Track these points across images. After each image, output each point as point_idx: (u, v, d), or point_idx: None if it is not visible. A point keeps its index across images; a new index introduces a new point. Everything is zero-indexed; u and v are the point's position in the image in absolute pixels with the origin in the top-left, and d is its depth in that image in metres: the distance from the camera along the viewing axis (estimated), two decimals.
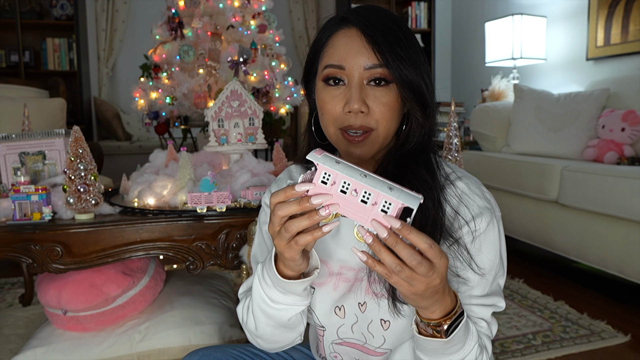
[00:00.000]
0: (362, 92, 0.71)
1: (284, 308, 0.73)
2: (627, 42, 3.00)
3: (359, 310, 0.77)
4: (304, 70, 0.82)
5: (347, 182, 0.55)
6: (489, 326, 0.75)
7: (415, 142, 0.74)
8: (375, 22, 0.72)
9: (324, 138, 0.81)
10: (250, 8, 2.25)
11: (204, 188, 1.27)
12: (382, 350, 0.79)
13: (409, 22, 4.71)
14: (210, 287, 1.71)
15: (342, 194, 0.56)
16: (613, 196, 1.98)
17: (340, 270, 0.78)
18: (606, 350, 1.69)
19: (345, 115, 0.72)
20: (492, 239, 0.74)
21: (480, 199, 0.75)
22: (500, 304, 0.76)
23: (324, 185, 0.56)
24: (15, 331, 1.81)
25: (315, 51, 0.78)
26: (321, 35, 0.77)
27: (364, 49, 0.71)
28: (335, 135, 0.75)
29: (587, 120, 2.62)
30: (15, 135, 1.44)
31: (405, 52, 0.71)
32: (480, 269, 0.73)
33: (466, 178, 0.77)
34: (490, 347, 0.75)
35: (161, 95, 2.11)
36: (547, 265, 2.60)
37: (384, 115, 0.72)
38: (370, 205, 0.55)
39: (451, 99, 1.37)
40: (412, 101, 0.72)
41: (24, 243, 1.20)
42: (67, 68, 4.27)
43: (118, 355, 1.39)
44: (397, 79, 0.71)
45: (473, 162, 2.98)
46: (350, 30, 0.72)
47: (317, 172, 0.56)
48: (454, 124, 1.34)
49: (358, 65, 0.71)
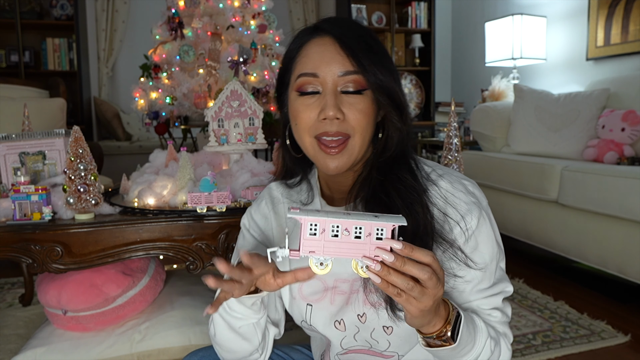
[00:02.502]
0: (337, 99, 0.71)
1: (239, 317, 0.75)
2: (627, 42, 3.00)
3: (359, 321, 0.77)
4: (276, 84, 0.81)
5: (336, 225, 0.55)
6: (502, 313, 0.76)
7: (394, 146, 0.75)
8: (348, 30, 0.72)
9: (298, 151, 0.80)
10: (250, 8, 2.25)
11: (204, 188, 1.27)
12: (390, 353, 0.79)
13: (409, 22, 4.71)
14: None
15: (334, 239, 0.56)
16: (613, 196, 1.98)
17: (335, 283, 0.78)
18: (606, 350, 1.69)
19: (320, 123, 0.71)
20: (485, 231, 0.74)
21: (465, 194, 0.74)
22: (507, 289, 0.77)
23: (314, 236, 0.56)
24: (15, 331, 1.81)
25: (287, 62, 0.77)
26: (293, 46, 0.76)
27: (339, 55, 0.71)
28: (311, 146, 0.74)
29: (587, 120, 2.62)
30: (15, 135, 1.44)
31: (379, 58, 0.71)
32: (478, 264, 0.73)
33: (447, 175, 0.76)
34: (509, 332, 0.76)
35: (161, 95, 2.11)
36: (547, 265, 2.60)
37: (359, 122, 0.71)
38: (365, 237, 0.56)
39: (451, 99, 1.37)
40: (388, 106, 0.73)
41: (24, 243, 1.20)
42: (67, 68, 4.27)
43: (118, 355, 1.39)
44: (372, 84, 0.71)
45: (473, 162, 2.98)
46: (324, 39, 0.72)
47: (304, 227, 0.56)
48: (454, 124, 1.34)
49: (332, 72, 0.71)
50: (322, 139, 0.72)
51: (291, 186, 0.85)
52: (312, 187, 0.83)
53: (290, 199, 0.85)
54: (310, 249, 0.56)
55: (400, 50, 4.80)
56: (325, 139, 0.72)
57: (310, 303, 0.80)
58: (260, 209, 0.87)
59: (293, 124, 0.76)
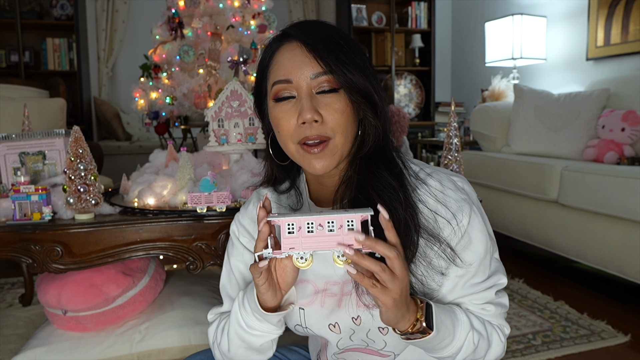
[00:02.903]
0: (312, 102, 0.71)
1: (258, 334, 0.76)
2: (627, 42, 3.00)
3: (354, 323, 0.77)
4: (254, 94, 0.82)
5: (310, 222, 0.61)
6: (496, 306, 0.77)
7: (371, 143, 0.75)
8: (314, 32, 0.73)
9: (282, 159, 0.82)
10: (250, 8, 2.25)
11: (204, 188, 1.27)
12: (386, 352, 0.80)
13: (409, 22, 4.71)
14: (210, 287, 1.71)
15: (310, 234, 0.62)
16: (613, 196, 1.98)
17: (326, 286, 0.78)
18: (606, 350, 1.69)
19: (300, 128, 0.72)
20: (478, 226, 0.75)
21: (454, 191, 0.75)
22: (501, 281, 0.78)
23: (292, 234, 0.62)
24: (15, 331, 1.81)
25: (261, 72, 0.78)
26: (264, 55, 0.78)
27: (307, 59, 0.72)
28: (296, 151, 0.75)
29: (587, 120, 2.62)
30: (15, 135, 1.44)
31: (348, 57, 0.72)
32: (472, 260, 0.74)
33: (435, 173, 0.77)
34: (505, 323, 0.79)
35: (161, 95, 2.11)
36: (547, 265, 2.60)
37: (338, 122, 0.72)
38: (337, 230, 0.61)
39: (451, 99, 1.37)
40: (361, 103, 0.73)
41: (24, 243, 1.20)
42: (67, 68, 4.27)
43: (118, 355, 1.39)
44: (343, 83, 0.71)
45: (473, 162, 2.98)
46: (292, 44, 0.73)
47: (282, 227, 0.62)
48: (454, 124, 1.34)
49: (304, 76, 0.72)
50: (305, 144, 0.73)
51: (279, 192, 0.86)
52: (301, 193, 0.84)
53: (280, 203, 0.85)
54: (290, 246, 0.62)
55: (400, 50, 4.80)
56: (308, 143, 0.73)
57: (302, 307, 0.80)
58: (248, 213, 0.87)
59: (276, 132, 0.77)
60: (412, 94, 4.84)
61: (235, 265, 0.85)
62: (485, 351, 0.75)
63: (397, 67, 4.70)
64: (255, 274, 0.67)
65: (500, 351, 0.77)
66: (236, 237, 0.87)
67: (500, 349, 0.77)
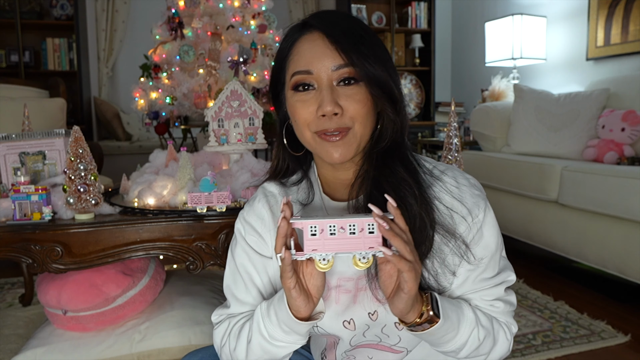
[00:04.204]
0: (333, 94, 0.71)
1: (282, 346, 0.74)
2: (627, 42, 3.00)
3: (370, 319, 0.77)
4: (270, 83, 0.81)
5: (332, 225, 0.62)
6: (505, 303, 0.78)
7: (388, 138, 0.75)
8: (336, 23, 0.72)
9: (296, 149, 0.81)
10: (250, 8, 2.25)
11: (204, 188, 1.27)
12: (399, 348, 0.79)
13: (409, 22, 4.71)
14: (210, 287, 1.71)
15: (332, 237, 0.63)
16: (613, 196, 1.98)
17: (339, 282, 0.77)
18: (606, 350, 1.69)
19: (319, 120, 0.72)
20: (491, 222, 0.76)
21: (469, 188, 0.76)
22: (510, 278, 0.79)
23: (314, 237, 0.63)
24: (15, 331, 1.81)
25: (280, 61, 0.77)
26: (284, 44, 0.77)
27: (328, 50, 0.71)
28: (312, 139, 0.74)
29: (587, 120, 2.62)
30: (15, 135, 1.44)
31: (369, 50, 0.71)
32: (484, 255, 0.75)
33: (449, 170, 0.77)
34: (512, 321, 0.79)
35: (161, 95, 2.11)
36: (547, 265, 2.60)
37: (358, 112, 0.71)
38: (358, 233, 0.62)
39: (451, 99, 1.37)
40: (381, 97, 0.73)
41: (24, 243, 1.20)
42: (67, 68, 4.27)
43: (118, 355, 1.38)
44: (363, 76, 0.71)
45: (473, 162, 2.98)
46: (313, 35, 0.73)
47: (305, 230, 0.62)
48: (454, 124, 1.34)
49: (325, 67, 0.71)
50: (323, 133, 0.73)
51: (287, 185, 0.85)
52: (312, 184, 0.83)
53: (287, 195, 0.83)
54: (312, 247, 0.62)
55: (400, 50, 4.80)
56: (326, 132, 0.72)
57: None
58: (254, 209, 0.83)
59: (293, 121, 0.77)
60: (412, 94, 4.84)
61: (242, 265, 0.82)
62: (490, 348, 0.76)
63: (397, 67, 4.70)
64: (286, 274, 0.65)
65: (505, 349, 0.78)
66: (242, 236, 0.83)
67: (506, 347, 0.78)
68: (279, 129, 0.83)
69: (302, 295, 0.67)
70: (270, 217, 0.82)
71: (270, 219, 0.82)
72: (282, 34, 0.78)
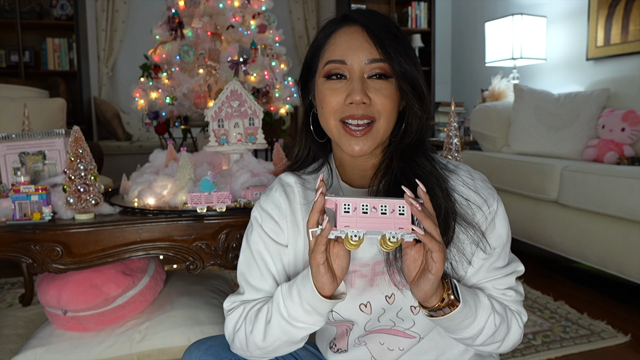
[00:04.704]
0: (363, 85, 0.74)
1: (302, 327, 0.75)
2: (627, 42, 3.00)
3: (387, 302, 0.79)
4: (302, 70, 0.84)
5: (365, 204, 0.65)
6: (516, 292, 0.82)
7: (414, 134, 0.79)
8: (375, 20, 0.76)
9: (320, 136, 0.85)
10: (250, 8, 2.25)
11: (204, 188, 1.27)
12: (412, 332, 0.81)
13: (409, 22, 4.71)
14: (210, 287, 1.71)
15: (365, 215, 0.65)
16: (613, 196, 1.98)
17: (355, 267, 0.80)
18: (606, 350, 1.69)
19: (346, 107, 0.75)
20: (502, 213, 0.81)
21: (482, 181, 0.81)
22: (519, 268, 0.83)
23: (347, 214, 0.65)
24: (15, 331, 1.81)
25: (315, 50, 0.81)
26: (321, 34, 0.80)
27: (366, 43, 0.75)
28: (336, 128, 0.77)
29: (587, 120, 2.62)
30: (15, 135, 1.44)
31: (403, 48, 0.76)
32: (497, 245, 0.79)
33: (462, 166, 0.83)
34: (523, 310, 0.83)
35: (161, 95, 2.11)
36: (547, 265, 2.60)
37: (385, 106, 0.75)
38: (389, 214, 0.65)
39: (451, 99, 1.37)
40: (410, 94, 0.76)
41: (24, 243, 1.20)
42: (67, 68, 4.27)
43: (118, 355, 1.39)
44: (397, 72, 0.75)
45: (473, 162, 2.98)
46: (352, 28, 0.76)
47: (339, 206, 0.65)
48: (454, 124, 1.34)
49: (359, 59, 0.75)
50: (347, 123, 0.76)
51: (304, 175, 0.87)
52: (331, 171, 0.86)
53: (304, 186, 0.85)
54: (345, 224, 0.64)
55: None
56: (351, 122, 0.75)
57: None
58: (271, 198, 0.86)
59: (319, 108, 0.80)
60: None
61: (257, 251, 0.83)
62: (504, 335, 0.78)
63: None
64: (319, 248, 0.66)
65: (518, 337, 0.81)
66: (258, 223, 0.85)
67: (519, 335, 0.81)
68: (305, 117, 0.86)
69: (329, 272, 0.69)
70: (287, 205, 0.84)
71: (287, 207, 0.84)
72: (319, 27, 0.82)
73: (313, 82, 0.82)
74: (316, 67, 0.80)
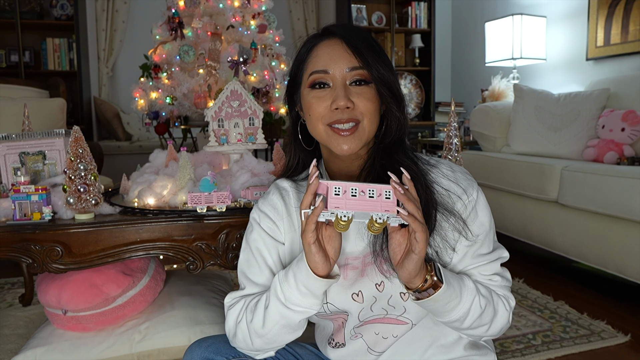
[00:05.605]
0: (346, 91, 0.81)
1: (299, 310, 0.79)
2: (627, 42, 3.00)
3: (377, 290, 0.83)
4: (288, 84, 0.92)
5: (354, 188, 0.71)
6: (502, 277, 0.86)
7: (394, 133, 0.85)
8: (352, 32, 0.84)
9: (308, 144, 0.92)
10: (250, 8, 2.25)
11: (204, 188, 1.27)
12: (404, 319, 0.85)
13: (409, 22, 4.71)
14: (210, 287, 1.72)
15: (354, 198, 0.70)
16: (613, 196, 1.98)
17: (346, 261, 0.85)
18: (606, 350, 1.69)
19: (332, 113, 0.81)
20: (483, 202, 0.86)
21: (462, 173, 0.86)
22: (504, 255, 0.87)
23: (338, 196, 0.70)
24: (15, 331, 1.81)
25: (299, 63, 0.88)
26: (304, 49, 0.87)
27: (346, 53, 0.82)
28: (325, 132, 0.83)
29: (587, 120, 2.62)
30: (15, 135, 1.44)
31: (379, 56, 0.83)
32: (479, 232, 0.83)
33: (443, 161, 0.89)
34: (510, 295, 0.86)
35: (161, 95, 2.11)
36: (547, 265, 2.60)
37: (367, 108, 0.81)
38: (376, 197, 0.70)
39: (451, 99, 1.37)
40: (388, 96, 0.83)
41: (24, 243, 1.20)
42: (67, 68, 4.27)
43: (118, 355, 1.39)
44: (375, 78, 0.81)
45: (473, 162, 2.98)
46: (332, 40, 0.84)
47: (330, 189, 0.70)
48: (453, 124, 1.34)
49: (341, 68, 0.81)
50: (334, 126, 0.81)
51: (298, 181, 0.94)
52: (321, 175, 0.91)
53: (298, 190, 0.92)
54: (335, 205, 0.70)
55: (400, 50, 4.80)
56: (338, 126, 0.81)
57: None
58: (268, 201, 0.92)
59: (307, 116, 0.86)
60: (412, 94, 4.84)
61: (256, 248, 0.89)
62: (491, 318, 0.82)
63: (397, 67, 4.70)
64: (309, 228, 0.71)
65: (505, 320, 0.84)
66: (257, 222, 0.91)
67: (506, 318, 0.84)
68: (292, 127, 0.93)
69: (321, 252, 0.74)
70: (284, 207, 0.91)
71: (283, 209, 0.90)
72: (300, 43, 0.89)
73: (299, 93, 0.88)
74: (300, 79, 0.87)
